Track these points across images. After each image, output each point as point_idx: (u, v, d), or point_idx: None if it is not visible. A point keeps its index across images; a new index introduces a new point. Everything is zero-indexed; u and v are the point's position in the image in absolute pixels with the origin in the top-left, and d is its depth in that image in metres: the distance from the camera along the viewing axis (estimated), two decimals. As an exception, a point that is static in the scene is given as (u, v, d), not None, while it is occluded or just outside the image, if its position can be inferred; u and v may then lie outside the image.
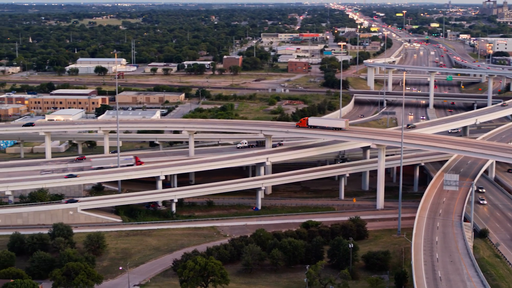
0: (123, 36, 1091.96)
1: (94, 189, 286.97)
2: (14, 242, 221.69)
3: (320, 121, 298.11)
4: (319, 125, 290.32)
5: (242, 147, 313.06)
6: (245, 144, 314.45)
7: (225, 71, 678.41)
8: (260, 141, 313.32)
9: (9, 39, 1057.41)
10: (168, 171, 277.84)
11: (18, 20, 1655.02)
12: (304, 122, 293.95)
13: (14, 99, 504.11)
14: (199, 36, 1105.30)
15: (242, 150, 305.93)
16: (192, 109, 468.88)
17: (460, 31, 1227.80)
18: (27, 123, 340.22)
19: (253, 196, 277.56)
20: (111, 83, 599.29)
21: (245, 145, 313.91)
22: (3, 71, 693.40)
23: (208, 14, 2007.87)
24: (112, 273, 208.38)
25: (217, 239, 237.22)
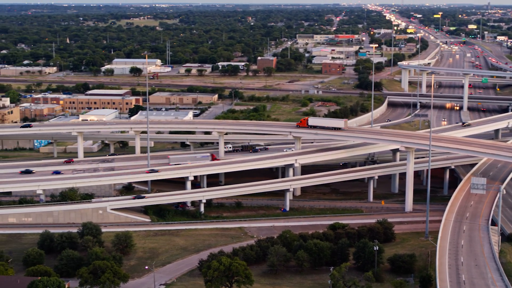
0: (159, 37, 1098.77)
1: (124, 189, 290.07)
2: (44, 240, 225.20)
3: (319, 121, 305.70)
4: (319, 125, 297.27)
5: (227, 151, 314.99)
6: (229, 148, 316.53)
7: (259, 72, 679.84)
8: (245, 146, 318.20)
9: (47, 40, 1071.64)
10: (197, 172, 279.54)
11: (57, 21, 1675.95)
12: (304, 122, 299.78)
13: (49, 99, 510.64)
14: (235, 37, 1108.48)
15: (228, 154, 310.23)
16: (224, 110, 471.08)
17: (498, 33, 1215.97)
18: (25, 124, 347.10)
19: (281, 198, 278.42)
20: (145, 84, 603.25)
21: (230, 150, 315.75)
22: (40, 71, 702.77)
23: (245, 15, 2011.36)
24: (139, 272, 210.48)
25: (244, 240, 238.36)
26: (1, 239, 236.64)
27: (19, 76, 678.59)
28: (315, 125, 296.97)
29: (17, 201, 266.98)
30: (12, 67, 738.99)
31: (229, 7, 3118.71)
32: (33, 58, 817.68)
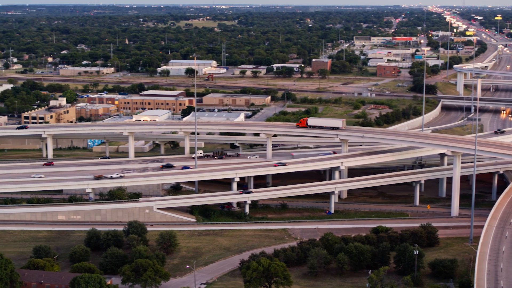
0: (217, 38, 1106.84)
1: (172, 189, 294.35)
2: (90, 237, 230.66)
3: (318, 121, 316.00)
4: (318, 125, 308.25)
5: (199, 157, 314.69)
6: (200, 154, 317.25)
7: (313, 74, 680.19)
8: (217, 152, 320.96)
9: (106, 40, 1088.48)
10: (243, 173, 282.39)
11: (117, 22, 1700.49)
12: (304, 122, 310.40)
13: (105, 99, 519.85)
14: (292, 38, 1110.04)
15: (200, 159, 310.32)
16: (276, 112, 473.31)
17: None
18: (21, 126, 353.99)
19: (327, 200, 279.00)
20: (200, 85, 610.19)
21: (200, 156, 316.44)
22: (97, 72, 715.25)
23: (304, 16, 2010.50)
24: (181, 271, 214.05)
25: (287, 241, 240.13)
26: (50, 235, 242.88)
27: (77, 76, 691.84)
28: (314, 125, 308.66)
29: (67, 199, 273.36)
30: (71, 67, 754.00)
31: (288, 8, 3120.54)
32: (91, 59, 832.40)
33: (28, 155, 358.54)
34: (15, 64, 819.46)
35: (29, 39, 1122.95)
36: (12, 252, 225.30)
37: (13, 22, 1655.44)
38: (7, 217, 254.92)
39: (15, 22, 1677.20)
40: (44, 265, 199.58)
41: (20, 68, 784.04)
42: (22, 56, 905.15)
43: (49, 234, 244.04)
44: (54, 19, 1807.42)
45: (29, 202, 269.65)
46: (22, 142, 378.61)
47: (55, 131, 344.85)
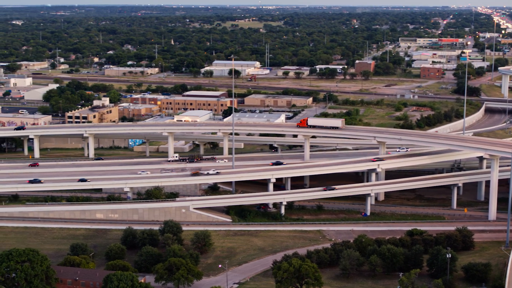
0: (262, 39, 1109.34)
1: (209, 189, 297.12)
2: (127, 236, 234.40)
3: (318, 121, 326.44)
4: (318, 124, 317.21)
5: (173, 160, 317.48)
6: (175, 157, 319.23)
7: (357, 75, 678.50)
8: (192, 156, 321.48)
9: (152, 41, 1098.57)
10: (279, 174, 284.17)
11: (164, 22, 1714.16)
12: (304, 122, 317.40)
13: (147, 99, 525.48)
14: (337, 40, 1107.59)
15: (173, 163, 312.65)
16: (317, 113, 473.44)
17: None
18: (18, 127, 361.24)
19: (363, 202, 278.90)
20: (242, 86, 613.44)
21: (176, 159, 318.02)
22: (142, 72, 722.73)
23: (350, 17, 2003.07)
24: (215, 270, 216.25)
25: (322, 242, 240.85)
26: (88, 233, 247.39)
27: (122, 77, 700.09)
28: (314, 124, 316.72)
29: (105, 198, 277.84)
30: (116, 67, 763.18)
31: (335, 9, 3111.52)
32: (137, 59, 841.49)
33: (70, 154, 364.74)
34: (62, 64, 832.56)
35: (76, 39, 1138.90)
36: (50, 249, 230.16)
37: (62, 23, 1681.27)
38: (46, 215, 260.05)
39: (63, 22, 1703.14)
40: (80, 262, 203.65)
41: (67, 68, 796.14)
42: (69, 56, 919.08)
43: (87, 232, 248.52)
44: (102, 20, 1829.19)
45: (69, 200, 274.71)
46: (65, 141, 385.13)
47: (96, 130, 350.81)
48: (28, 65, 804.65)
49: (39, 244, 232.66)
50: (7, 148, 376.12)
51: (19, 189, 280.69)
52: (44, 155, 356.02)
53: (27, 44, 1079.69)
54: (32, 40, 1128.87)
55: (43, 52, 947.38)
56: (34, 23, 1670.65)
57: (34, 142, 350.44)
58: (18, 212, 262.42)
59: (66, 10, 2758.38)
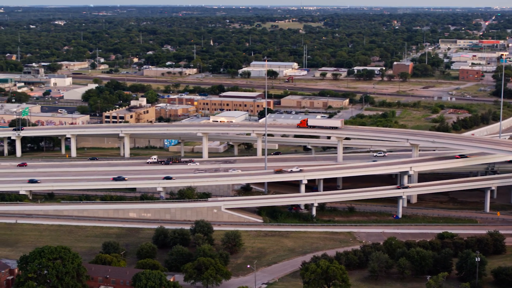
0: (301, 40, 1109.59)
1: (242, 189, 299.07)
2: (158, 235, 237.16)
3: (318, 121, 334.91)
4: (318, 125, 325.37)
5: (152, 162, 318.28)
6: (154, 159, 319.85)
7: (394, 77, 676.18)
8: (169, 158, 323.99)
9: (192, 42, 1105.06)
10: (311, 176, 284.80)
11: (204, 23, 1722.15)
12: (304, 123, 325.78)
13: (184, 99, 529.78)
14: (376, 41, 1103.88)
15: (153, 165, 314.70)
16: (353, 115, 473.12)
17: None
18: (16, 128, 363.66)
19: (395, 204, 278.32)
20: (279, 87, 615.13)
21: (154, 161, 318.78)
22: (180, 73, 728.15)
23: (391, 18, 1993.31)
24: (245, 270, 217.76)
25: (352, 244, 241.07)
26: (120, 232, 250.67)
27: (160, 77, 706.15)
28: (314, 125, 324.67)
29: (138, 197, 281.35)
30: (154, 68, 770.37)
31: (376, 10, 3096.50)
32: (175, 60, 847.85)
33: (107, 153, 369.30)
34: (102, 64, 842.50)
35: (117, 39, 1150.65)
36: (83, 247, 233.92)
37: (103, 23, 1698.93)
38: (81, 213, 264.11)
39: (105, 23, 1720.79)
40: (111, 260, 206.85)
41: (106, 68, 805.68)
42: (109, 57, 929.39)
43: (120, 231, 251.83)
44: (142, 20, 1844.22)
45: (103, 199, 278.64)
46: (101, 140, 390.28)
47: (132, 130, 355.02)
48: (68, 65, 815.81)
49: (73, 242, 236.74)
50: (45, 147, 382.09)
51: (55, 187, 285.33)
52: (80, 154, 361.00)
53: (69, 44, 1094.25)
54: (73, 40, 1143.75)
55: (83, 52, 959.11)
56: (76, 24, 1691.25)
57: (71, 141, 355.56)
58: (53, 210, 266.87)
59: (108, 10, 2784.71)
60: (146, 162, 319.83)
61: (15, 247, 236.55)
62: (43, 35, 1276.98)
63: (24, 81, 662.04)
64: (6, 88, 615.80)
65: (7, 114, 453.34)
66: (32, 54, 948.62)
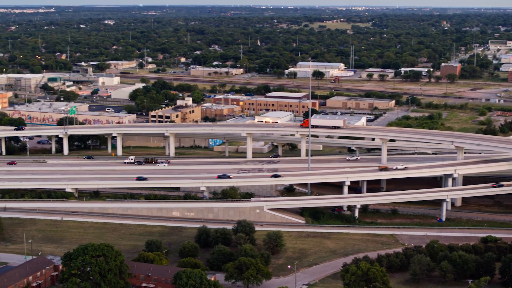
0: (348, 41, 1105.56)
1: (285, 190, 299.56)
2: (200, 234, 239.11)
3: (321, 121, 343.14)
4: (320, 124, 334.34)
5: (129, 162, 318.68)
6: (131, 160, 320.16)
7: (442, 78, 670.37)
8: (146, 158, 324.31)
9: (239, 41, 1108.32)
10: (354, 177, 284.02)
11: (252, 23, 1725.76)
12: (307, 122, 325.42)
13: (230, 99, 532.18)
14: (424, 42, 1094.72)
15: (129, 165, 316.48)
16: (399, 117, 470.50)
17: None
18: (17, 127, 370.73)
19: (439, 207, 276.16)
20: (325, 88, 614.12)
21: (131, 161, 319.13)
22: (226, 73, 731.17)
23: (440, 19, 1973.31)
24: (286, 271, 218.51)
25: (394, 247, 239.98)
26: (163, 231, 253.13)
27: (207, 77, 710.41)
28: (317, 124, 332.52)
29: (182, 196, 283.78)
30: (201, 67, 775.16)
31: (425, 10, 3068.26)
32: (222, 60, 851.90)
33: (152, 152, 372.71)
34: (150, 63, 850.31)
35: (165, 39, 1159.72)
36: (127, 245, 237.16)
37: (152, 23, 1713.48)
38: (125, 212, 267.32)
39: (153, 22, 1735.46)
40: (153, 258, 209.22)
41: (154, 67, 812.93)
42: (157, 56, 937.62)
43: (163, 229, 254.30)
44: (191, 20, 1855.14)
45: (147, 198, 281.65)
46: (147, 140, 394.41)
47: (177, 130, 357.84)
48: (116, 65, 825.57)
49: (116, 240, 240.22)
50: (91, 145, 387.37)
51: (100, 185, 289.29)
52: (126, 153, 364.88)
53: (117, 43, 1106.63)
54: (122, 39, 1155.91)
55: (132, 52, 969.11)
56: (125, 23, 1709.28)
57: (117, 140, 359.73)
58: (98, 208, 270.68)
59: (157, 10, 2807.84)
60: (123, 162, 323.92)
61: (60, 244, 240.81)
62: (92, 35, 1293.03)
63: (73, 80, 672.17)
64: (55, 86, 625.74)
65: (55, 112, 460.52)
66: (81, 53, 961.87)
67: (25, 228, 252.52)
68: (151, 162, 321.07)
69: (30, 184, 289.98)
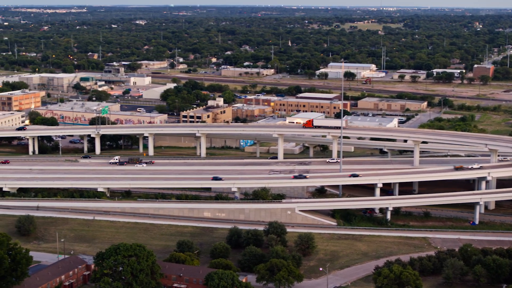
0: (379, 41, 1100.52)
1: (317, 192, 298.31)
2: (232, 235, 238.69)
3: (323, 121, 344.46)
4: (323, 125, 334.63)
5: (113, 162, 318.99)
6: (115, 160, 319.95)
7: (474, 80, 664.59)
8: (131, 159, 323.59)
9: (270, 42, 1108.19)
10: (386, 179, 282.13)
11: (283, 23, 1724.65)
12: (310, 123, 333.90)
13: (261, 100, 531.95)
14: (457, 43, 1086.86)
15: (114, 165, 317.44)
16: (431, 118, 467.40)
17: None
18: (19, 127, 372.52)
19: (472, 210, 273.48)
20: (357, 89, 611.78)
21: (116, 161, 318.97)
22: (257, 73, 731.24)
23: (472, 20, 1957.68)
24: (317, 273, 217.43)
25: (427, 250, 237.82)
26: (195, 231, 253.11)
27: (238, 77, 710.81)
28: (320, 125, 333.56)
29: (213, 197, 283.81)
30: (232, 68, 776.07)
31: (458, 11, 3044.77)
32: (253, 60, 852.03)
33: (183, 152, 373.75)
34: (181, 64, 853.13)
35: (196, 39, 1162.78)
36: (158, 245, 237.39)
37: (183, 23, 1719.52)
38: (156, 212, 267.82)
39: (184, 22, 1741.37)
40: (184, 259, 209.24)
41: (185, 68, 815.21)
42: (188, 56, 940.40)
43: (194, 230, 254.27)
44: (222, 20, 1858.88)
45: (178, 198, 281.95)
46: (178, 140, 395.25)
47: (208, 130, 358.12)
48: (148, 65, 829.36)
49: (148, 240, 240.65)
50: (123, 145, 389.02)
51: (132, 185, 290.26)
52: (158, 153, 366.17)
53: (149, 43, 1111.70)
54: (153, 40, 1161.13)
55: (163, 52, 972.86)
56: (156, 23, 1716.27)
57: (149, 140, 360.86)
58: (130, 208, 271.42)
59: (188, 10, 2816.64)
60: (108, 162, 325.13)
61: (92, 243, 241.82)
62: (124, 35, 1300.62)
63: (105, 80, 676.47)
64: (87, 86, 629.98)
65: (87, 112, 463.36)
66: (113, 53, 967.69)
67: (57, 227, 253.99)
68: (135, 162, 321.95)
69: (63, 183, 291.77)
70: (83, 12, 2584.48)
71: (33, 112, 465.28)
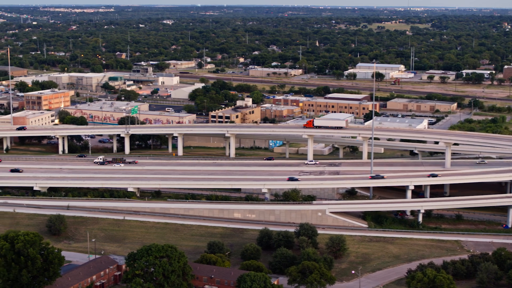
0: (407, 42, 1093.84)
1: (347, 193, 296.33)
2: (262, 237, 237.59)
3: (323, 122, 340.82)
4: (323, 125, 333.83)
5: (98, 162, 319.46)
6: (100, 160, 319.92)
7: (505, 81, 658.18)
8: (115, 158, 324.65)
9: (298, 42, 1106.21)
10: (418, 181, 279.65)
11: (310, 24, 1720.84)
12: (310, 123, 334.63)
13: (289, 100, 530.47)
14: (486, 43, 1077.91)
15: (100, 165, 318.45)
16: (461, 120, 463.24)
17: None
18: (20, 127, 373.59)
19: (505, 213, 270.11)
20: (385, 89, 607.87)
21: (101, 161, 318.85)
22: (285, 73, 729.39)
23: (501, 20, 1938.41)
24: (349, 275, 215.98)
25: (459, 253, 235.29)
26: (225, 232, 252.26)
27: (266, 77, 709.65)
28: (320, 125, 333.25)
29: (243, 198, 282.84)
30: (260, 68, 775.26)
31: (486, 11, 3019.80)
32: (281, 60, 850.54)
33: (212, 153, 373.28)
34: (208, 63, 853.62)
35: (223, 39, 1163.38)
36: (188, 245, 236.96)
37: (210, 23, 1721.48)
38: (186, 212, 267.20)
39: (212, 22, 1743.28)
40: (215, 260, 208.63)
41: (213, 67, 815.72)
42: (215, 56, 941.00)
43: (224, 231, 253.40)
44: (249, 20, 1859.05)
45: (208, 198, 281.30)
46: (207, 140, 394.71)
47: (238, 131, 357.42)
48: (176, 64, 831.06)
49: (178, 240, 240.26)
50: (152, 145, 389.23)
51: (162, 185, 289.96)
52: (187, 153, 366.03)
53: (176, 43, 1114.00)
54: (181, 39, 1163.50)
55: (191, 52, 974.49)
56: (183, 23, 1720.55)
57: (178, 140, 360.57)
58: (160, 208, 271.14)
59: (215, 10, 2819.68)
60: (93, 162, 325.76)
61: (122, 243, 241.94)
62: (151, 34, 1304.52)
63: (133, 80, 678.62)
64: (116, 86, 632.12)
65: (116, 111, 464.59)
66: (141, 53, 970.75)
67: (87, 227, 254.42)
68: (118, 162, 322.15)
69: (93, 183, 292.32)
70: (110, 11, 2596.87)
71: (62, 112, 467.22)
